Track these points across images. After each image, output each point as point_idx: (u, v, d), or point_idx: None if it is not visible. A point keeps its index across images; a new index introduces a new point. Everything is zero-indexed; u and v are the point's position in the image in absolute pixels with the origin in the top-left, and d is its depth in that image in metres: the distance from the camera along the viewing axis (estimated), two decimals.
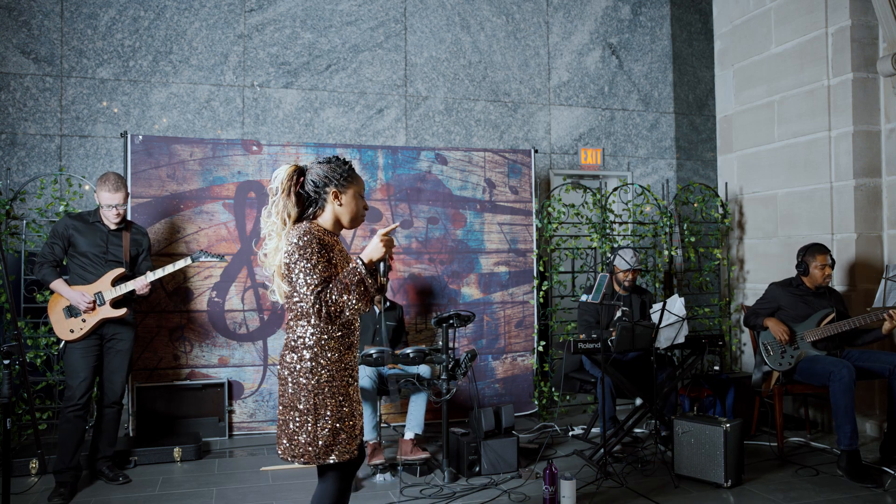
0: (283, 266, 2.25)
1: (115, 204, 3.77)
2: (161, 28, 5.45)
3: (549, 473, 3.35)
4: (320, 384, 2.24)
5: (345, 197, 2.34)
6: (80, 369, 3.74)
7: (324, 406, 2.24)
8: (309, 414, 2.23)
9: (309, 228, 2.24)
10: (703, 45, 6.78)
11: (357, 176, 2.39)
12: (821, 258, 4.29)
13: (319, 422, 2.24)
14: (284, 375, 2.28)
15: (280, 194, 2.29)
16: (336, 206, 2.34)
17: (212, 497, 3.69)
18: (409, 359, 3.98)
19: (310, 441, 2.23)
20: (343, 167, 2.36)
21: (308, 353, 2.24)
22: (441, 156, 5.36)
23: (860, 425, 4.63)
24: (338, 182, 2.33)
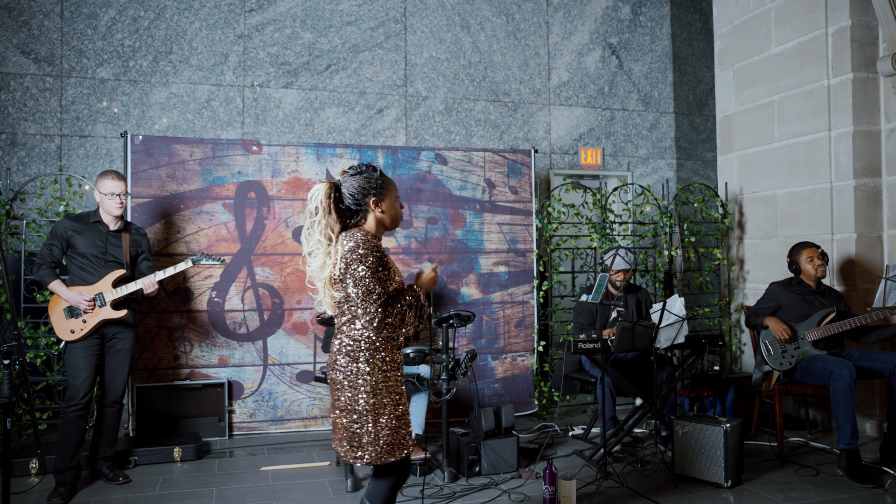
0: (338, 273, 2.33)
1: (119, 192, 3.81)
2: (161, 28, 5.45)
3: (549, 473, 3.35)
4: (377, 385, 2.33)
5: (384, 203, 2.44)
6: (81, 369, 3.74)
7: (382, 406, 2.33)
8: (369, 414, 2.32)
9: (365, 237, 2.33)
10: (703, 45, 6.78)
11: (390, 179, 2.50)
12: (807, 252, 4.35)
13: (380, 421, 2.33)
14: (339, 379, 2.36)
15: (321, 213, 2.36)
16: (378, 213, 2.44)
17: (212, 497, 3.69)
18: (409, 359, 3.98)
19: (372, 441, 2.32)
20: (375, 175, 2.44)
21: (363, 356, 2.33)
22: (441, 156, 5.36)
23: (860, 425, 4.63)
24: (375, 190, 2.42)
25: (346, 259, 2.30)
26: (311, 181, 5.08)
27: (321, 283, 2.39)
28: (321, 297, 2.41)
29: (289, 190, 5.05)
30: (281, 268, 5.01)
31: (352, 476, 3.76)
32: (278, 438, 4.82)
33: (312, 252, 2.39)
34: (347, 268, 2.30)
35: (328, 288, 2.37)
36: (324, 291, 2.38)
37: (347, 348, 2.35)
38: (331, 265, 2.34)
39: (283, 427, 4.96)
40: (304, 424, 5.00)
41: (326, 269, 2.35)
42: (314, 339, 5.06)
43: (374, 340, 2.34)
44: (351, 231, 2.37)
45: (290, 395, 5.00)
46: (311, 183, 5.08)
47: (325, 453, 4.46)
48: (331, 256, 2.35)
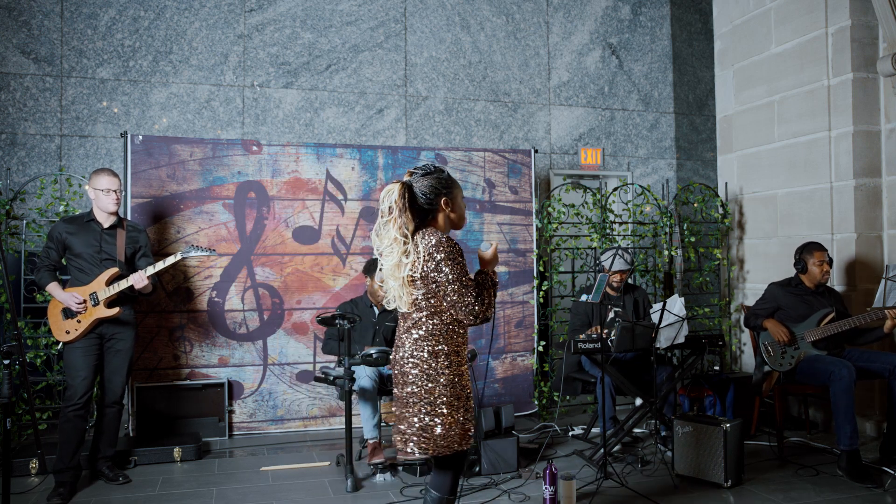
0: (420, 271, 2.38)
1: (115, 188, 3.83)
2: (161, 28, 5.45)
3: (549, 473, 3.35)
4: (453, 378, 2.41)
5: (453, 202, 2.51)
6: (80, 369, 3.74)
7: (457, 398, 2.41)
8: (445, 406, 2.39)
9: (444, 236, 2.41)
10: (703, 45, 6.78)
11: (454, 179, 2.56)
12: (818, 255, 4.30)
13: (458, 413, 2.41)
14: (415, 374, 2.40)
15: (396, 212, 2.39)
16: (448, 212, 2.51)
17: (212, 497, 3.69)
18: None
19: (445, 433, 2.38)
20: (444, 174, 2.52)
21: (443, 350, 2.41)
22: (441, 156, 5.36)
23: (860, 425, 4.63)
24: (446, 190, 2.49)
25: (432, 256, 2.36)
26: (310, 181, 5.08)
27: (398, 282, 2.41)
28: (394, 295, 2.45)
29: (289, 190, 5.05)
30: (281, 268, 5.01)
31: (352, 476, 3.76)
32: (278, 438, 4.82)
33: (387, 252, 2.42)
34: (436, 264, 2.35)
35: (406, 286, 2.40)
36: (401, 290, 2.41)
37: (427, 343, 2.40)
38: (409, 263, 2.38)
39: (283, 427, 4.96)
40: (303, 424, 5.01)
41: (404, 267, 2.39)
42: (314, 339, 5.06)
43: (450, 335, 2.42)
44: (429, 229, 2.43)
45: (290, 394, 5.00)
46: (312, 183, 5.09)
47: (325, 453, 4.46)
48: (408, 255, 2.39)
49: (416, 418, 2.40)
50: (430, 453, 2.39)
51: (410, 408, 2.41)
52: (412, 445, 2.41)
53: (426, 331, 2.41)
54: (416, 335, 2.42)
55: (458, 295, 2.36)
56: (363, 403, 4.09)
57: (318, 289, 5.07)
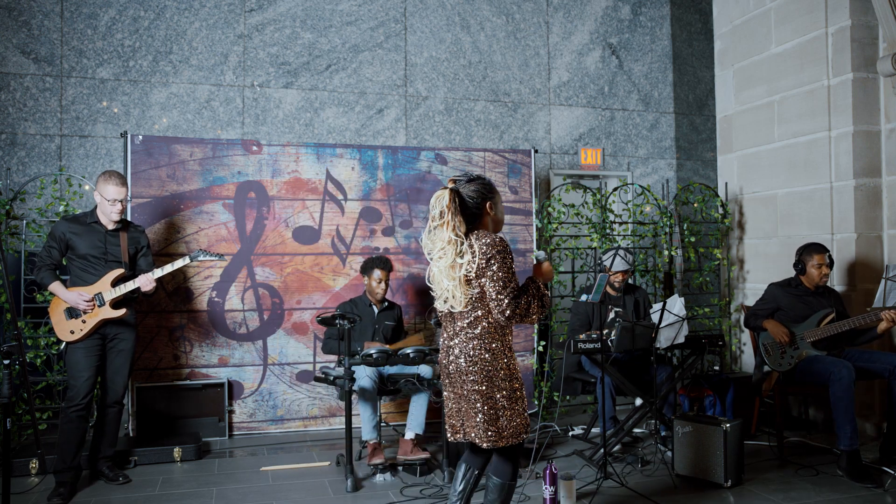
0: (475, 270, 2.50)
1: (122, 198, 3.80)
2: (161, 28, 5.45)
3: (549, 473, 3.35)
4: (509, 371, 2.56)
5: (496, 207, 2.67)
6: (83, 369, 3.74)
7: (515, 390, 2.57)
8: (505, 399, 2.54)
9: (498, 236, 2.55)
10: (703, 45, 6.78)
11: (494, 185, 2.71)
12: (818, 257, 4.28)
13: (517, 405, 2.56)
14: (471, 370, 2.53)
15: (449, 214, 2.54)
16: (492, 215, 2.66)
17: (212, 497, 3.69)
18: (409, 359, 3.98)
19: (507, 424, 2.53)
20: (486, 181, 2.67)
21: (498, 346, 2.55)
22: (441, 156, 5.36)
23: (860, 425, 4.63)
24: (490, 195, 2.65)
25: (485, 255, 2.48)
26: (311, 181, 5.08)
27: (454, 282, 2.52)
28: (449, 295, 2.55)
29: (289, 190, 5.05)
30: (281, 268, 5.01)
31: (352, 476, 3.76)
32: (278, 438, 4.82)
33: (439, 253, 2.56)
34: (487, 263, 2.48)
35: (462, 285, 2.52)
36: (456, 289, 2.53)
37: (482, 339, 2.53)
38: (465, 263, 2.50)
39: (282, 427, 4.96)
40: (303, 424, 5.01)
41: (460, 267, 2.51)
42: (314, 339, 5.06)
43: (506, 331, 2.58)
44: (481, 231, 2.57)
45: (290, 394, 5.00)
46: (311, 183, 5.09)
47: (325, 453, 4.46)
48: (463, 255, 2.51)
49: (480, 415, 2.52)
50: (500, 444, 2.53)
51: (473, 405, 2.54)
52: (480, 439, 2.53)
53: (483, 329, 2.54)
54: (472, 333, 2.55)
55: (496, 291, 2.47)
56: (363, 403, 4.09)
57: (318, 289, 5.07)
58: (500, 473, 2.64)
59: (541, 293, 2.58)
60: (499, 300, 2.47)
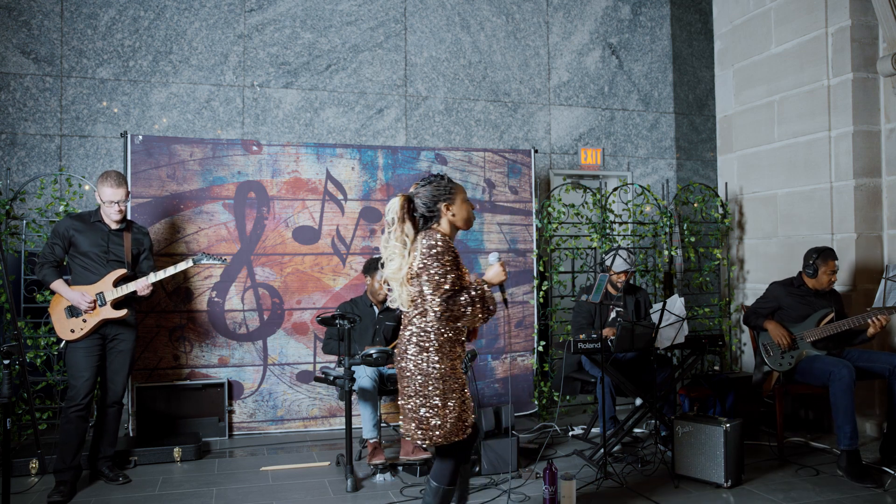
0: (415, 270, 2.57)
1: (118, 200, 3.78)
2: (161, 28, 5.45)
3: (549, 473, 3.35)
4: (445, 373, 2.57)
5: (454, 207, 2.69)
6: (83, 369, 3.74)
7: (450, 391, 2.58)
8: (438, 399, 2.56)
9: (440, 237, 2.58)
10: (703, 45, 6.78)
11: (457, 184, 2.74)
12: (831, 264, 4.30)
13: (448, 405, 2.57)
14: (410, 368, 2.59)
15: (397, 223, 2.62)
16: (449, 216, 2.68)
17: (212, 497, 3.69)
18: None
19: (440, 424, 2.56)
20: (443, 182, 2.70)
21: (433, 346, 2.57)
22: (441, 156, 5.36)
23: (860, 425, 4.63)
24: (445, 196, 2.67)
25: (424, 256, 2.54)
26: (311, 181, 5.08)
27: (398, 283, 2.62)
28: (396, 295, 2.65)
29: (289, 190, 5.05)
30: (281, 268, 5.01)
31: (352, 476, 3.76)
32: (278, 438, 4.82)
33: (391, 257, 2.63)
34: (425, 264, 2.53)
35: (405, 286, 2.61)
36: (400, 290, 2.62)
37: (418, 339, 2.59)
38: (407, 265, 2.59)
39: (283, 427, 4.96)
40: (304, 424, 5.01)
41: (403, 269, 2.60)
42: (314, 339, 5.06)
43: (442, 332, 2.58)
44: (430, 231, 2.63)
45: (290, 395, 5.00)
46: (311, 183, 5.09)
47: (325, 453, 4.46)
48: (406, 258, 2.60)
49: (413, 412, 2.60)
50: (429, 443, 2.58)
51: (409, 401, 2.61)
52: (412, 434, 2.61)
53: (418, 327, 2.60)
54: (409, 332, 2.63)
55: (429, 291, 2.53)
56: (363, 403, 4.09)
57: (318, 289, 5.07)
58: (436, 476, 2.68)
59: (483, 296, 2.58)
60: (431, 300, 2.52)
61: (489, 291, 2.63)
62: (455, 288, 2.54)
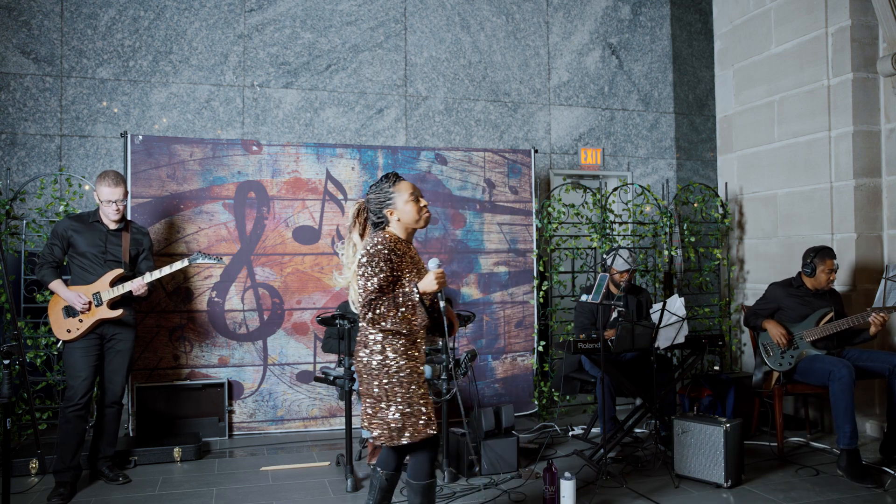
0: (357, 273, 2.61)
1: (115, 199, 3.78)
2: (161, 28, 5.45)
3: (549, 473, 3.35)
4: (389, 375, 2.57)
5: (396, 211, 2.67)
6: (80, 369, 3.74)
7: (393, 394, 2.57)
8: (381, 401, 2.58)
9: (381, 239, 2.59)
10: (703, 45, 6.78)
11: (401, 184, 2.69)
12: (829, 263, 4.30)
13: (391, 408, 2.56)
14: (360, 369, 2.64)
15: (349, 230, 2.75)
16: (395, 220, 2.68)
17: (212, 497, 3.69)
18: None
19: (383, 424, 2.57)
20: (386, 185, 2.69)
21: (376, 347, 2.59)
22: (441, 156, 5.36)
23: (860, 425, 4.63)
24: (387, 201, 2.67)
25: (360, 259, 2.58)
26: (311, 181, 5.08)
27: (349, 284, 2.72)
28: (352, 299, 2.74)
29: (289, 190, 5.05)
30: (281, 268, 5.01)
31: (352, 476, 3.76)
32: (278, 438, 4.82)
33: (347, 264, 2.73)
34: (360, 267, 2.57)
35: (353, 286, 2.69)
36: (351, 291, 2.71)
37: (364, 341, 2.63)
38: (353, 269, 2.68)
39: (283, 427, 4.96)
40: (304, 424, 5.01)
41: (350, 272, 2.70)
42: (314, 339, 5.06)
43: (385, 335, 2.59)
44: (377, 233, 2.65)
45: (290, 395, 5.00)
46: (311, 183, 5.09)
47: (325, 453, 4.46)
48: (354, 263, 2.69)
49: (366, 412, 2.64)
50: (384, 442, 2.59)
51: (363, 399, 2.66)
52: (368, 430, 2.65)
53: (364, 329, 2.64)
54: (359, 335, 2.67)
55: (358, 295, 2.58)
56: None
57: (318, 289, 5.07)
58: (413, 474, 2.69)
59: (410, 302, 2.52)
60: (358, 303, 2.57)
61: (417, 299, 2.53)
62: (380, 292, 2.51)
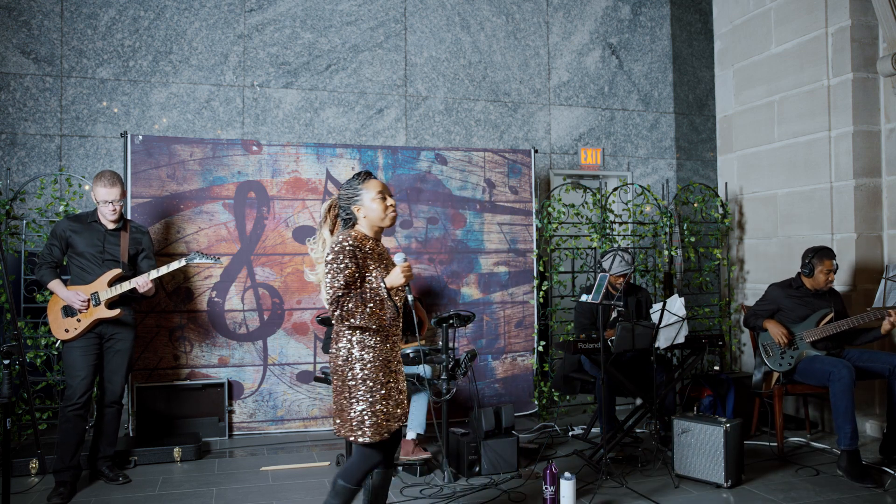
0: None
1: (111, 199, 3.78)
2: (161, 28, 5.45)
3: (549, 473, 3.35)
4: (354, 372, 2.57)
5: (363, 208, 2.66)
6: (79, 368, 3.74)
7: (356, 389, 2.57)
8: (343, 398, 2.59)
9: (345, 237, 2.58)
10: (703, 45, 6.78)
11: (371, 180, 2.69)
12: (828, 263, 4.28)
13: (354, 404, 2.56)
14: (332, 365, 2.66)
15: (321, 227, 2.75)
16: (362, 217, 2.68)
17: (212, 497, 3.69)
18: (409, 359, 3.98)
19: (346, 419, 2.58)
20: (353, 182, 2.69)
21: (346, 344, 2.60)
22: (441, 156, 5.36)
23: (860, 425, 4.63)
24: (354, 198, 2.67)
25: (326, 257, 2.59)
26: (311, 181, 5.08)
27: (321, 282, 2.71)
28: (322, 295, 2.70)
29: (289, 190, 5.05)
30: (281, 268, 5.01)
31: None
32: (278, 438, 4.82)
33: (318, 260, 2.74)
34: (326, 265, 2.58)
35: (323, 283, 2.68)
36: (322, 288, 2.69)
37: (335, 337, 2.65)
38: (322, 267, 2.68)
39: (283, 427, 4.96)
40: (304, 424, 5.00)
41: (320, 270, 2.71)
42: (314, 339, 5.06)
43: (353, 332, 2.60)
44: (344, 231, 2.65)
45: (290, 395, 5.00)
46: (312, 183, 5.09)
47: (325, 453, 4.46)
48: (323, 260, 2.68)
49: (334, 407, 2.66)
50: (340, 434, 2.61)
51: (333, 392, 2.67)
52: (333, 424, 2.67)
53: (336, 325, 2.63)
54: (332, 331, 2.68)
55: (327, 286, 2.56)
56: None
57: (318, 289, 5.07)
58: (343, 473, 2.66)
59: (378, 297, 2.54)
60: (328, 296, 2.56)
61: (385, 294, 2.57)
62: (347, 289, 2.52)
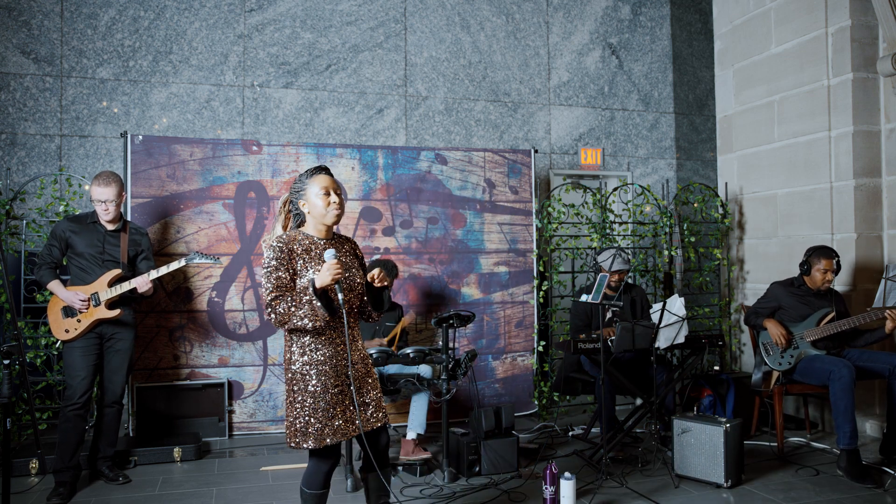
0: None
1: (105, 199, 3.78)
2: (161, 28, 5.45)
3: (549, 473, 3.35)
4: (295, 377, 2.51)
5: (306, 204, 2.60)
6: (79, 368, 3.75)
7: (292, 393, 2.51)
8: (286, 403, 2.54)
9: (276, 239, 2.53)
10: (703, 45, 6.78)
11: (318, 176, 2.59)
12: (826, 263, 4.25)
13: (294, 411, 2.50)
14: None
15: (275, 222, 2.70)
16: (307, 213, 2.61)
17: (212, 497, 3.69)
18: (409, 359, 3.98)
19: (288, 425, 2.53)
20: (303, 176, 2.62)
21: (287, 347, 2.55)
22: (441, 156, 5.36)
23: (860, 425, 4.63)
24: (300, 192, 2.61)
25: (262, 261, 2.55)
26: None
27: None
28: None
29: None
30: None
31: (352, 476, 3.76)
32: (278, 438, 4.82)
33: None
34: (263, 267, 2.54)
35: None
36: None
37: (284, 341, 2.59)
38: None
39: (283, 427, 4.96)
40: None
41: None
42: None
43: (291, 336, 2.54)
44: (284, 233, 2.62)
45: None
46: None
47: None
48: None
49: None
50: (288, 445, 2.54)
51: None
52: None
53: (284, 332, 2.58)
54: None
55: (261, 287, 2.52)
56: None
57: None
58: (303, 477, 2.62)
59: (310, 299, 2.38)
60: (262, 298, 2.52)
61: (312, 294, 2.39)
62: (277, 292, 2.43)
